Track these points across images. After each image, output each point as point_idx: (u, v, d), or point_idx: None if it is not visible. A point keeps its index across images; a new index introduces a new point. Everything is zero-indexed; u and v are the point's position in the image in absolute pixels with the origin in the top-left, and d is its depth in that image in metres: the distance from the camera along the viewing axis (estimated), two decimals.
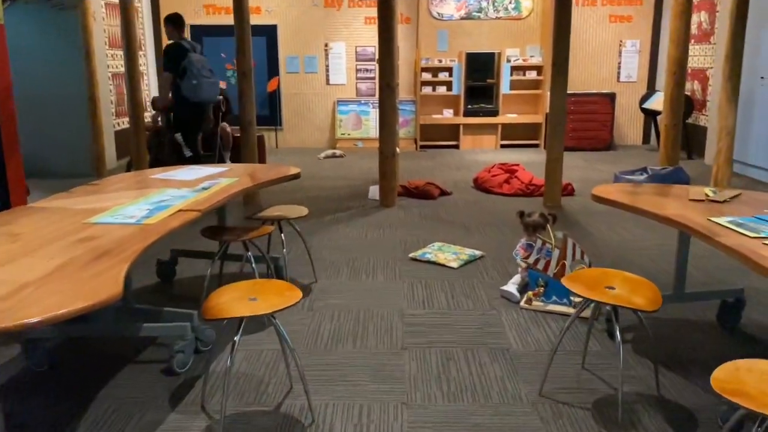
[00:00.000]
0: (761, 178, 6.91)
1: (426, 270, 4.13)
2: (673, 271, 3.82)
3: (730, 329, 3.24)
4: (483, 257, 4.38)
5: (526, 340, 3.12)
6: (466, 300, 3.63)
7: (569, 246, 3.44)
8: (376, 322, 3.32)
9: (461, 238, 4.85)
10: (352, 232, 5.05)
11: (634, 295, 2.44)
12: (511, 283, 3.70)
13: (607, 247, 4.61)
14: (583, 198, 6.15)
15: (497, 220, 5.38)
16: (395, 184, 5.91)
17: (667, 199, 2.98)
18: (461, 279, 3.96)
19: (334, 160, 8.54)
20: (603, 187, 3.28)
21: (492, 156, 8.72)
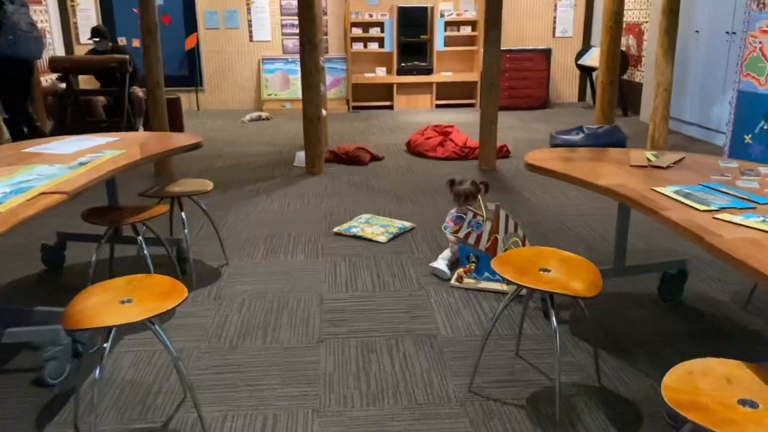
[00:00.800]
0: (697, 135, 6.81)
1: (351, 246, 3.78)
2: (612, 239, 3.59)
3: (672, 302, 3.03)
4: (414, 229, 4.06)
5: (456, 324, 2.83)
6: (393, 280, 3.31)
7: (502, 218, 3.15)
8: (292, 311, 2.97)
9: (392, 208, 4.52)
10: (274, 204, 4.65)
11: (571, 279, 2.16)
12: (441, 258, 3.40)
13: (544, 213, 4.36)
14: (519, 160, 5.89)
15: (430, 186, 5.06)
16: (321, 150, 5.50)
17: (606, 166, 2.70)
18: (389, 255, 3.64)
19: (259, 124, 8.03)
20: (537, 153, 2.98)
21: (427, 117, 8.38)
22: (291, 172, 5.56)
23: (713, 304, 3.02)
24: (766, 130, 4.52)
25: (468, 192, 3.45)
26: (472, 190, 3.45)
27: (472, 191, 3.45)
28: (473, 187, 3.46)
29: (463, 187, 3.47)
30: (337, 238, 3.92)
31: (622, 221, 2.92)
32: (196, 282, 3.27)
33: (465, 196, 3.46)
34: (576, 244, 3.78)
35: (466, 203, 3.46)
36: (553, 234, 3.97)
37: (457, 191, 3.49)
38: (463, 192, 3.46)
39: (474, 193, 3.45)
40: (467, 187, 3.46)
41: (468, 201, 3.45)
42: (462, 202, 3.46)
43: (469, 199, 3.45)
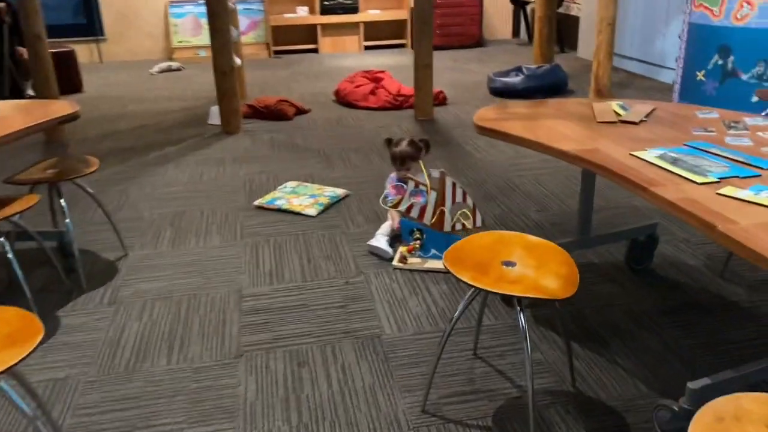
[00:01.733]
0: (639, 71, 6.50)
1: (276, 222, 3.27)
2: (566, 197, 3.20)
3: (642, 270, 2.69)
4: (347, 197, 3.57)
5: (402, 318, 2.40)
6: (326, 263, 2.83)
7: (448, 186, 2.70)
8: (204, 315, 2.47)
9: (321, 172, 4.00)
10: (184, 173, 4.05)
11: (542, 274, 1.74)
12: (380, 234, 2.94)
13: (489, 169, 3.94)
14: (458, 107, 5.43)
15: (364, 143, 4.55)
16: (238, 105, 4.88)
17: (568, 124, 2.27)
18: (321, 232, 3.15)
19: (169, 75, 7.24)
20: (485, 111, 2.51)
21: (356, 61, 7.77)
22: (205, 132, 4.93)
23: (686, 271, 2.69)
24: (720, 65, 4.20)
25: (405, 154, 2.98)
26: (410, 151, 2.98)
27: (410, 153, 2.98)
28: (411, 148, 2.99)
29: (399, 148, 3.00)
30: (258, 213, 3.40)
31: (587, 189, 2.52)
32: (87, 282, 2.71)
33: (401, 159, 2.98)
34: (526, 205, 3.39)
35: (404, 167, 2.99)
36: (499, 193, 3.56)
37: (394, 153, 3.01)
38: (399, 155, 2.98)
39: (413, 155, 2.98)
40: (404, 149, 2.99)
41: (406, 164, 2.98)
42: (399, 165, 2.99)
43: (407, 162, 2.98)
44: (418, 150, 2.99)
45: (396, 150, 2.99)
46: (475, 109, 5.32)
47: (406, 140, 3.01)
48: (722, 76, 4.20)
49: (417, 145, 3.00)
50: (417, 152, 2.98)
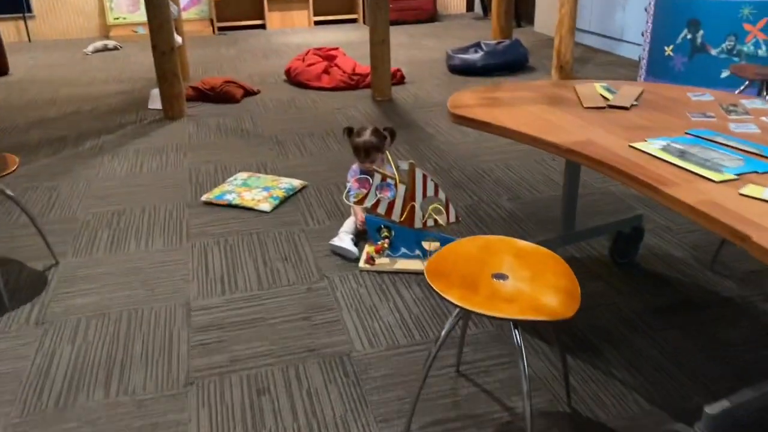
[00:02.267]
0: (597, 45, 6.34)
1: (227, 220, 2.97)
2: (534, 180, 2.99)
3: (627, 264, 2.50)
4: (305, 188, 3.29)
5: (374, 330, 2.16)
6: (285, 267, 2.56)
7: (418, 179, 2.44)
8: (148, 334, 2.17)
9: (274, 160, 3.69)
10: (122, 165, 3.68)
11: (539, 289, 1.52)
12: (344, 232, 2.67)
13: (454, 153, 3.71)
14: (416, 86, 5.17)
15: (319, 127, 4.25)
16: (181, 88, 4.50)
17: (553, 111, 2.04)
18: (277, 229, 2.86)
19: (106, 55, 6.74)
20: (460, 96, 2.26)
21: (306, 37, 7.40)
22: (145, 118, 4.54)
23: (672, 263, 2.51)
24: (689, 39, 4.04)
25: (369, 145, 2.71)
26: (375, 141, 2.71)
27: (374, 144, 2.71)
28: (376, 138, 2.72)
29: (362, 138, 2.72)
30: (207, 209, 3.08)
31: (571, 181, 2.30)
32: (10, 299, 2.37)
33: (365, 150, 2.71)
34: (497, 193, 3.17)
35: (368, 159, 2.72)
36: (468, 181, 3.33)
37: (356, 145, 2.73)
38: (363, 146, 2.71)
39: (378, 146, 2.71)
40: (368, 139, 2.71)
41: (370, 156, 2.72)
42: (363, 158, 2.72)
43: (372, 154, 2.72)
44: (383, 139, 2.72)
45: (359, 141, 2.71)
46: (435, 88, 5.07)
47: (369, 129, 2.74)
48: (691, 51, 4.05)
49: (381, 134, 2.73)
50: (382, 142, 2.72)
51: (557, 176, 3.34)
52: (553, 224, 2.83)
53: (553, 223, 2.84)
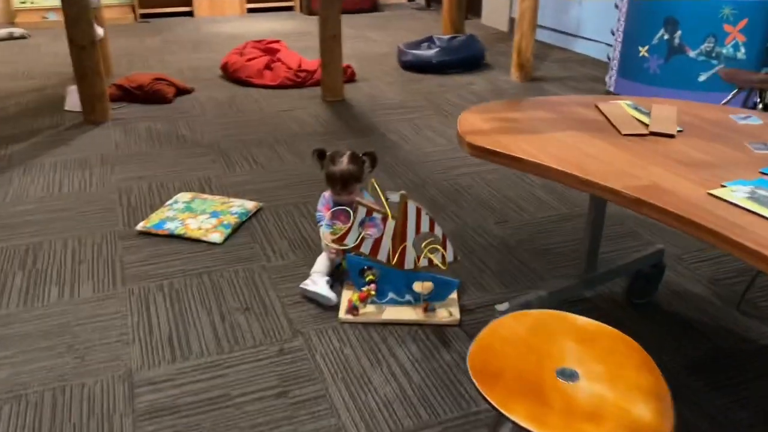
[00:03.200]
0: (551, 40, 6.09)
1: (170, 256, 2.48)
2: (518, 198, 2.65)
3: (644, 305, 2.19)
4: (259, 211, 2.82)
5: (370, 408, 1.75)
6: (248, 320, 2.11)
7: (411, 214, 2.04)
8: (80, 424, 1.68)
9: (219, 175, 3.20)
10: (37, 183, 3.10)
11: (624, 394, 1.16)
12: (317, 273, 2.24)
13: (424, 165, 3.32)
14: (369, 85, 4.74)
15: (267, 132, 3.76)
16: (103, 87, 3.91)
17: (587, 138, 1.68)
18: (232, 268, 2.40)
19: (12, 45, 5.96)
20: (468, 117, 1.86)
21: (239, 27, 6.82)
22: (62, 122, 3.92)
23: (694, 302, 2.22)
24: (666, 40, 3.80)
25: (347, 175, 2.27)
26: (352, 171, 2.28)
27: (352, 173, 2.27)
28: (353, 166, 2.28)
29: (338, 168, 2.28)
30: (144, 241, 2.58)
31: (597, 217, 1.96)
32: None
33: (342, 181, 2.28)
34: (481, 215, 2.81)
35: (345, 191, 2.29)
36: (447, 200, 2.95)
37: (331, 174, 2.29)
38: (340, 176, 2.27)
39: (356, 176, 2.28)
40: (344, 168, 2.27)
41: (348, 188, 2.29)
42: (340, 190, 2.29)
43: (350, 185, 2.29)
44: (362, 166, 2.30)
45: (335, 170, 2.27)
46: (390, 87, 4.63)
47: (347, 155, 2.30)
48: (668, 52, 3.81)
49: (360, 160, 2.30)
50: (361, 170, 2.29)
51: (540, 192, 3.01)
52: (554, 256, 2.49)
53: (554, 255, 2.51)
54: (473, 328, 2.07)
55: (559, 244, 2.57)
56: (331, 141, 3.61)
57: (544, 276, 2.35)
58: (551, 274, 2.37)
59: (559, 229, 2.69)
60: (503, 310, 1.81)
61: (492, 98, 4.35)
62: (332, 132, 3.76)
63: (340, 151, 2.32)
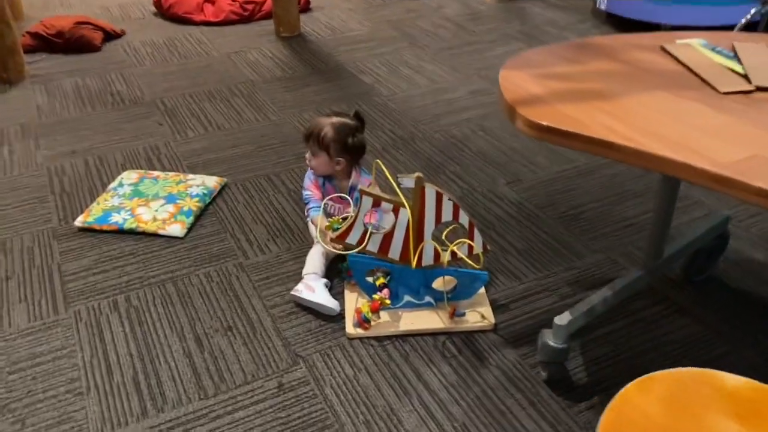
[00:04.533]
0: None
1: (121, 259, 2.00)
2: (523, 148, 2.24)
3: (705, 283, 1.85)
4: (225, 188, 2.34)
5: None
6: (231, 345, 1.68)
7: (429, 200, 1.61)
8: None
9: (168, 141, 2.67)
10: None
11: None
12: (310, 275, 1.80)
13: (409, 112, 2.85)
14: (326, 14, 4.15)
15: (217, 81, 3.21)
16: (15, 38, 3.25)
17: (676, 99, 1.26)
18: (202, 270, 1.95)
19: None
20: (510, 78, 1.40)
21: None
22: None
23: (760, 273, 1.89)
24: None
25: (356, 146, 1.81)
26: (334, 137, 1.81)
27: (333, 138, 1.81)
28: (334, 132, 1.81)
29: (322, 132, 1.81)
30: (87, 240, 2.08)
31: (667, 197, 1.56)
32: None
33: (355, 149, 1.82)
34: (488, 174, 2.40)
35: (349, 168, 1.83)
36: (444, 157, 2.52)
37: (333, 142, 1.81)
38: (354, 146, 1.81)
39: (358, 147, 1.82)
40: (327, 133, 1.81)
41: (353, 157, 1.83)
42: (348, 162, 1.83)
43: (354, 154, 1.83)
44: (349, 132, 1.82)
45: (318, 132, 1.80)
46: (351, 16, 4.12)
47: (328, 120, 1.82)
48: None
49: (348, 127, 1.83)
50: (348, 135, 1.82)
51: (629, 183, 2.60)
52: (585, 223, 2.11)
53: (584, 221, 2.13)
54: (512, 332, 1.69)
55: (587, 206, 2.19)
56: (297, 89, 3.09)
57: (582, 252, 1.98)
58: (589, 247, 2.00)
59: (583, 186, 2.30)
60: (564, 324, 1.43)
61: (471, 25, 3.85)
62: (295, 77, 3.23)
63: (324, 116, 1.86)
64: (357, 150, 1.82)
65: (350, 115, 1.86)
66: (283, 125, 2.77)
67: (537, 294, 1.82)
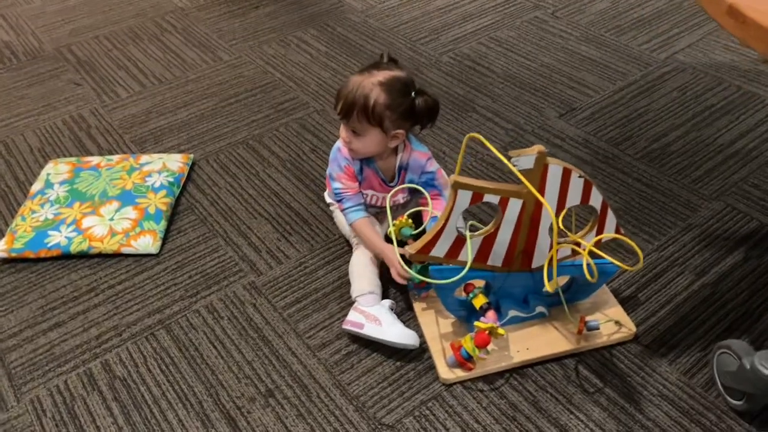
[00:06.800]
0: None
1: (74, 301, 1.40)
2: (562, 62, 1.77)
3: None
4: (193, 167, 1.73)
5: None
6: (279, 420, 1.16)
7: (551, 182, 1.09)
8: None
9: (96, 107, 1.99)
10: None
11: None
12: (366, 296, 1.27)
13: (396, 31, 2.25)
14: None
15: (138, 12, 2.46)
16: None
17: None
18: (201, 304, 1.38)
19: None
20: None
21: None
22: None
23: None
24: None
25: (382, 107, 1.23)
26: (390, 102, 1.23)
27: (388, 104, 1.23)
28: (388, 95, 1.23)
29: (371, 98, 1.22)
30: (16, 277, 1.46)
31: None
32: None
33: (347, 109, 1.24)
34: (532, 106, 1.89)
35: (349, 127, 1.27)
36: (467, 89, 1.97)
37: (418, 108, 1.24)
38: (344, 99, 1.23)
39: (382, 109, 1.24)
40: (378, 99, 1.22)
41: (413, 124, 1.28)
42: (342, 118, 1.26)
43: (400, 126, 1.27)
44: (398, 98, 1.24)
45: (347, 87, 1.23)
46: None
47: (374, 81, 1.23)
48: None
49: (401, 89, 1.24)
50: (397, 104, 1.24)
51: (584, 46, 2.10)
52: (680, 158, 1.66)
53: (679, 155, 1.67)
54: (657, 338, 1.25)
55: (671, 136, 1.73)
56: (244, 13, 2.41)
57: (692, 201, 1.54)
58: (698, 194, 1.55)
59: (653, 108, 1.83)
60: None
61: None
62: None
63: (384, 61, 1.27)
64: (429, 113, 1.25)
65: (386, 62, 1.28)
66: (242, 66, 2.13)
67: (664, 273, 1.38)
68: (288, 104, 1.95)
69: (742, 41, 0.77)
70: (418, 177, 1.33)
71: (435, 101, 1.25)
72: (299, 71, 2.09)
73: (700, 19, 2.19)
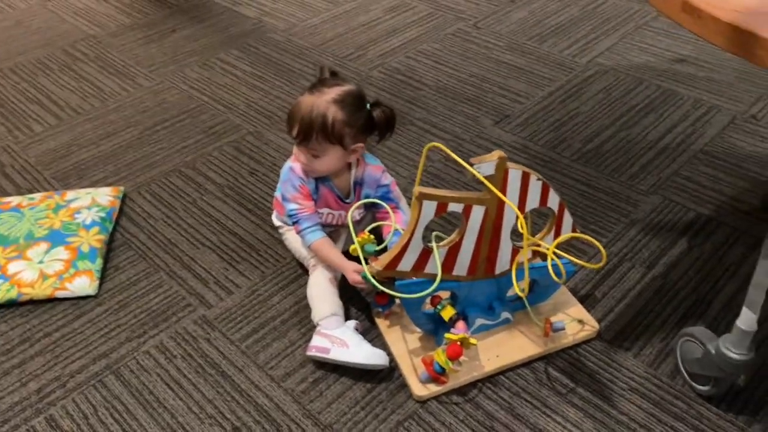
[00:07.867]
0: None
1: (7, 354, 1.28)
2: (485, 71, 1.82)
3: None
4: (125, 200, 1.63)
5: None
6: None
7: (512, 186, 1.09)
8: None
9: (8, 143, 1.85)
10: None
11: None
12: (330, 318, 1.23)
13: (320, 49, 2.24)
14: None
15: (47, 41, 2.33)
16: None
17: None
18: (149, 341, 1.29)
19: None
20: None
21: None
22: None
23: None
24: None
25: (341, 124, 1.20)
26: (348, 118, 1.21)
27: (346, 121, 1.21)
28: (345, 112, 1.20)
29: (328, 116, 1.19)
30: None
31: None
32: None
33: (338, 134, 1.21)
34: (467, 116, 1.90)
35: (306, 148, 1.23)
36: (403, 103, 1.98)
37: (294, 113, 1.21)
38: (300, 119, 1.20)
39: (339, 128, 1.22)
40: (336, 116, 1.20)
41: (368, 137, 1.25)
42: (298, 143, 1.23)
43: (358, 140, 1.24)
44: (355, 114, 1.22)
45: (299, 105, 1.19)
46: None
47: (326, 98, 1.20)
48: None
49: (356, 103, 1.22)
50: (352, 120, 1.22)
51: (507, 55, 2.14)
52: (610, 158, 1.71)
53: (608, 155, 1.72)
54: (618, 332, 1.28)
55: (602, 136, 1.79)
56: (161, 38, 2.33)
57: (632, 197, 1.59)
58: (636, 189, 1.61)
59: (582, 111, 1.89)
60: (751, 329, 1.03)
61: None
62: (152, 22, 2.44)
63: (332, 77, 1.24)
64: (388, 123, 1.23)
65: (328, 77, 1.25)
66: (165, 92, 2.04)
67: (616, 269, 1.41)
68: (219, 127, 1.88)
69: (701, 37, 0.79)
70: (374, 191, 1.30)
71: (392, 111, 1.24)
72: (226, 93, 2.03)
73: (614, 24, 2.28)
